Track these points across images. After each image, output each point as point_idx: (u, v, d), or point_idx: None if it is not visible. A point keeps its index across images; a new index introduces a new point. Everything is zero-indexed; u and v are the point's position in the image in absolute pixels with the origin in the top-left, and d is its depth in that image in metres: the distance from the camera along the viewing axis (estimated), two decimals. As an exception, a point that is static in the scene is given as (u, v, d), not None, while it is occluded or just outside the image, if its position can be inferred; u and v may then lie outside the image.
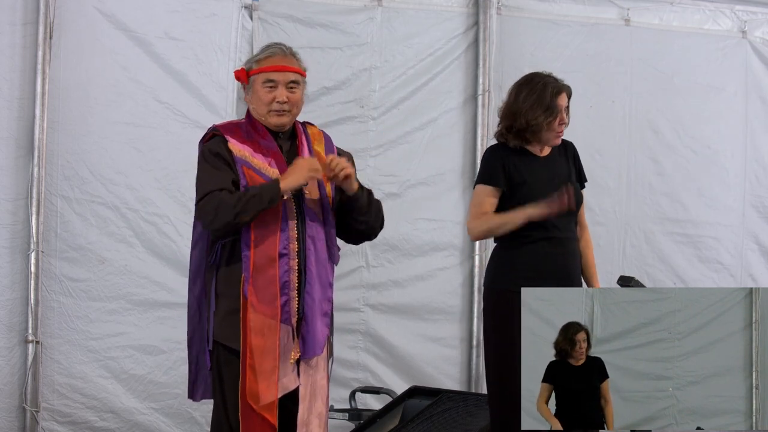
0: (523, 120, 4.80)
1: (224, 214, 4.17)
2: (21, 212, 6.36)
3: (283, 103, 4.30)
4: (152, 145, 6.59)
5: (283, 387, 4.24)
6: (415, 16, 7.11)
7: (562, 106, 4.82)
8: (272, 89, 4.30)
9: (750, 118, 7.71)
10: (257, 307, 4.21)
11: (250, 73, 4.33)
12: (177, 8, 6.62)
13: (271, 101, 4.30)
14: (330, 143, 4.49)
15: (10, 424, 6.34)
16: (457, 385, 7.10)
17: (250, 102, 4.37)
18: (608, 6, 7.44)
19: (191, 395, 4.47)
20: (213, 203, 4.19)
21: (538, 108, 4.78)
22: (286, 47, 4.40)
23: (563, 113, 4.83)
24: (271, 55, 4.34)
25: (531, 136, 4.83)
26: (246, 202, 4.15)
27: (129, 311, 6.54)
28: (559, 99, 4.81)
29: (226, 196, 4.18)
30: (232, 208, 4.15)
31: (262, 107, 4.32)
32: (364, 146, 6.99)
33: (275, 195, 4.18)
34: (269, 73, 4.31)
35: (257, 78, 4.32)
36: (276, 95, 4.29)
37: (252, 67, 4.34)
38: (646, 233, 7.49)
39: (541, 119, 4.78)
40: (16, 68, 6.35)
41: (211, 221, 4.23)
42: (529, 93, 4.82)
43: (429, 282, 7.14)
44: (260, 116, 4.34)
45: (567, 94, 4.87)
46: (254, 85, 4.33)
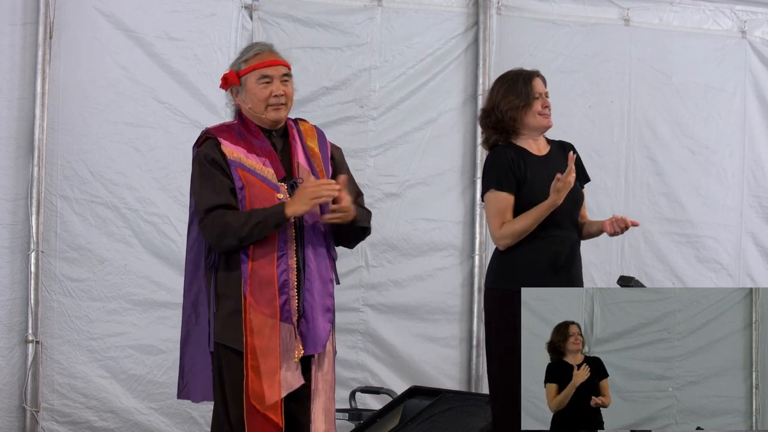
0: (498, 112, 4.82)
1: (229, 240, 4.20)
2: (21, 212, 6.36)
3: (280, 96, 4.32)
4: (152, 145, 6.59)
5: (287, 386, 4.24)
6: (415, 16, 7.11)
7: (539, 91, 4.83)
8: (268, 84, 4.32)
9: (749, 118, 7.72)
10: (256, 307, 4.22)
11: (240, 73, 4.34)
12: (177, 8, 6.62)
13: (269, 96, 4.31)
14: (323, 138, 4.50)
15: (10, 424, 6.34)
16: (457, 385, 7.10)
17: (244, 102, 4.36)
18: (608, 6, 7.45)
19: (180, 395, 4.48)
20: (218, 225, 4.21)
21: (511, 95, 4.81)
22: (268, 44, 4.44)
23: (543, 97, 4.84)
24: (260, 52, 4.36)
25: (512, 127, 4.81)
26: (251, 229, 4.18)
27: (128, 311, 6.55)
28: (533, 84, 4.82)
29: (231, 218, 4.19)
30: (236, 233, 4.18)
31: (259, 104, 4.33)
32: (363, 146, 7.00)
33: (281, 220, 4.20)
34: (263, 69, 4.33)
35: (250, 76, 4.33)
36: (272, 89, 4.31)
37: (241, 67, 4.36)
38: (645, 233, 7.49)
39: (516, 103, 4.79)
40: (16, 68, 6.35)
41: (216, 243, 4.25)
42: (500, 86, 4.86)
43: (428, 282, 7.14)
44: (258, 114, 4.34)
45: (541, 79, 4.88)
46: (247, 84, 4.34)
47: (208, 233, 4.25)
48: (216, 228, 4.21)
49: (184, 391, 4.47)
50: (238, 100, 4.39)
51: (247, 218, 4.19)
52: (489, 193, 4.81)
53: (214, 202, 4.24)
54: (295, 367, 4.26)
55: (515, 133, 4.85)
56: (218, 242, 4.23)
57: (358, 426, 6.16)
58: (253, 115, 4.36)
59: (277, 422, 4.21)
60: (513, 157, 4.80)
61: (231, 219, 4.20)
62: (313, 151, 4.41)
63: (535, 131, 4.87)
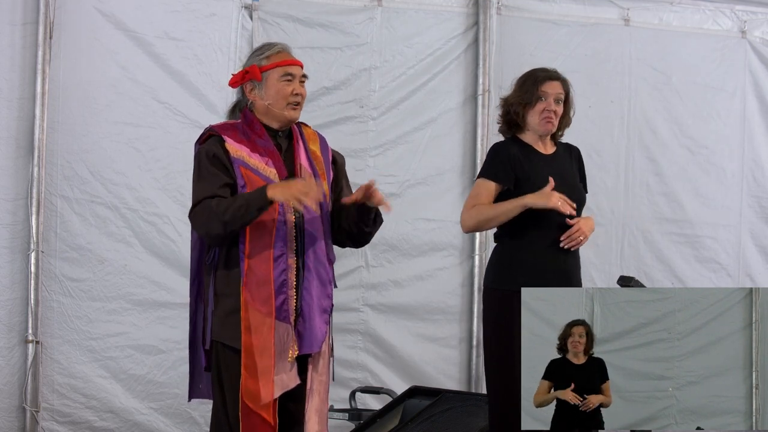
0: (507, 106, 4.89)
1: (214, 225, 4.18)
2: (21, 212, 6.36)
3: (298, 96, 4.34)
4: (152, 145, 6.59)
5: (282, 385, 4.24)
6: (415, 16, 7.11)
7: (547, 93, 4.83)
8: (290, 82, 4.33)
9: (748, 118, 7.72)
10: (252, 305, 4.22)
11: (262, 68, 4.34)
12: (177, 8, 6.62)
13: (290, 94, 4.33)
14: (324, 143, 4.51)
15: (10, 424, 6.34)
16: (457, 385, 7.10)
17: (262, 98, 4.34)
18: (608, 6, 7.45)
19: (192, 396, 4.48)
20: (203, 214, 4.20)
21: (518, 94, 4.85)
22: (285, 45, 4.45)
23: (550, 100, 4.84)
24: (281, 51, 4.38)
25: (518, 123, 4.86)
26: (233, 213, 4.15)
27: (128, 311, 6.55)
28: (543, 86, 4.83)
29: (215, 205, 4.17)
30: (220, 218, 4.15)
31: (280, 101, 4.33)
32: (363, 146, 7.00)
33: (264, 203, 4.16)
34: (287, 66, 4.35)
35: (272, 73, 4.33)
36: (294, 88, 4.33)
37: (263, 63, 4.34)
38: (644, 233, 7.49)
39: (520, 100, 4.83)
40: (16, 68, 6.35)
41: (205, 233, 4.24)
42: (518, 81, 4.91)
43: (428, 282, 7.14)
44: (277, 110, 4.33)
45: (560, 83, 4.88)
46: (269, 81, 4.33)
47: (195, 223, 4.25)
48: (202, 216, 4.20)
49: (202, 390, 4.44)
50: (253, 96, 4.37)
51: (230, 203, 4.17)
52: (479, 180, 4.86)
53: (203, 194, 4.23)
54: (290, 366, 4.26)
55: (521, 128, 4.88)
56: (206, 231, 4.22)
57: (358, 426, 6.16)
58: (267, 112, 4.35)
59: (270, 421, 4.21)
60: (516, 152, 4.82)
61: (214, 205, 4.18)
62: (315, 155, 4.42)
63: (536, 132, 4.88)
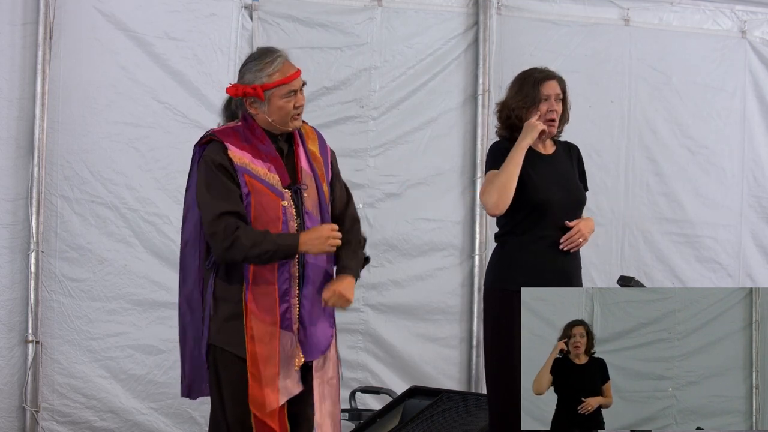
0: (507, 110, 4.86)
1: (235, 255, 4.18)
2: (21, 212, 6.36)
3: (300, 107, 4.31)
4: (152, 145, 6.59)
5: (287, 392, 4.25)
6: (415, 16, 7.11)
7: (548, 94, 4.82)
8: (292, 98, 4.28)
9: (748, 118, 7.72)
10: (257, 315, 4.22)
11: (265, 87, 4.26)
12: (177, 8, 6.62)
13: (293, 108, 4.29)
14: (323, 141, 4.49)
15: (10, 424, 6.34)
16: (457, 385, 7.10)
17: (266, 114, 4.29)
18: (608, 6, 7.45)
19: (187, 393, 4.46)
20: (228, 238, 4.17)
21: (518, 96, 4.83)
22: (282, 52, 4.36)
23: (551, 101, 4.83)
24: (282, 63, 4.29)
25: (519, 126, 4.84)
26: (260, 253, 4.16)
27: (128, 311, 6.55)
28: (542, 87, 4.82)
29: (243, 235, 4.16)
30: (243, 251, 4.16)
31: (285, 117, 4.29)
32: (364, 146, 7.00)
33: (291, 256, 4.22)
34: (290, 84, 4.28)
35: (276, 92, 4.26)
36: (296, 101, 4.29)
37: (264, 81, 4.26)
38: (644, 233, 7.49)
39: (521, 105, 4.80)
40: (16, 68, 6.35)
41: (220, 254, 4.21)
42: (515, 84, 4.90)
43: (429, 282, 7.14)
44: (281, 126, 4.31)
45: (557, 82, 4.87)
46: (272, 100, 4.27)
47: (216, 243, 4.21)
48: (226, 240, 4.17)
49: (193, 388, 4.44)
50: (254, 110, 4.31)
51: (258, 240, 4.16)
52: (489, 173, 4.83)
53: (223, 208, 4.20)
54: (295, 373, 4.27)
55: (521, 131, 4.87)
56: (223, 254, 4.20)
57: (358, 426, 6.16)
58: (269, 124, 4.32)
59: (276, 429, 4.21)
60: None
61: (242, 235, 4.17)
62: (315, 155, 4.40)
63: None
